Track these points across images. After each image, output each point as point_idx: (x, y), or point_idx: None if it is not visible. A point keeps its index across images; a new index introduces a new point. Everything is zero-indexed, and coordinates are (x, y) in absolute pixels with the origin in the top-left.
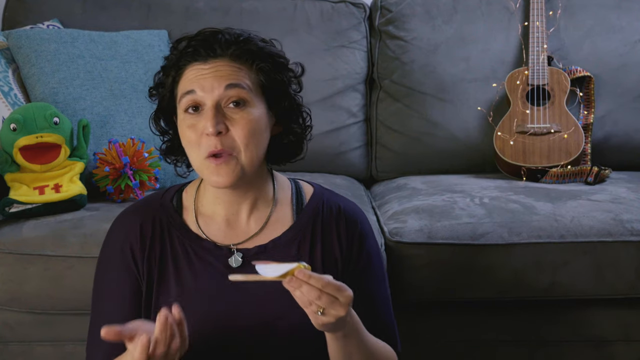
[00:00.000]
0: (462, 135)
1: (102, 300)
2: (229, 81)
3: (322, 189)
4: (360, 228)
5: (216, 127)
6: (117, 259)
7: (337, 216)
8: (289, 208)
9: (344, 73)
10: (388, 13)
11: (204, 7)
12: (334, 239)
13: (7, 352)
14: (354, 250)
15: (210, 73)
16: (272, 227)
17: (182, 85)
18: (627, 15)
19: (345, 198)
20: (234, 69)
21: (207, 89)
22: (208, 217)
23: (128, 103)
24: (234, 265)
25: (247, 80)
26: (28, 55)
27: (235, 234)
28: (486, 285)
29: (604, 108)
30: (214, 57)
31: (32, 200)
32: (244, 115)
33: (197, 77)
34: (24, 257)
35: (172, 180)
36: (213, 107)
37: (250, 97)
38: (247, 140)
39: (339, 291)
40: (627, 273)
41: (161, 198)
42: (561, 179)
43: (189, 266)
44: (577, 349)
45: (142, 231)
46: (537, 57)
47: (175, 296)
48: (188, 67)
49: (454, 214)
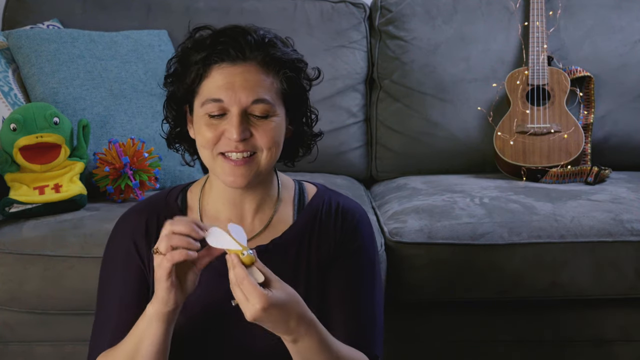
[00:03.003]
0: (462, 135)
1: (109, 298)
2: (257, 95)
3: (325, 189)
4: (356, 221)
5: (242, 135)
6: (124, 256)
7: (335, 212)
8: (291, 208)
9: (344, 73)
10: (388, 13)
11: (204, 7)
12: (330, 236)
13: (7, 352)
14: (346, 243)
15: (239, 81)
16: (274, 227)
17: (208, 87)
18: (627, 15)
19: (347, 197)
20: (261, 78)
21: (235, 99)
22: (212, 217)
23: (128, 103)
24: None
25: (272, 92)
26: (28, 55)
27: None
28: (486, 285)
29: (604, 108)
30: (243, 60)
31: (32, 200)
32: (269, 123)
33: (226, 85)
34: (24, 257)
35: (172, 180)
36: (239, 115)
37: (274, 108)
38: (270, 145)
39: (251, 294)
40: (627, 273)
41: (166, 197)
42: (561, 179)
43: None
44: (577, 349)
45: (148, 229)
46: (537, 57)
47: None
48: (215, 66)
49: (454, 214)
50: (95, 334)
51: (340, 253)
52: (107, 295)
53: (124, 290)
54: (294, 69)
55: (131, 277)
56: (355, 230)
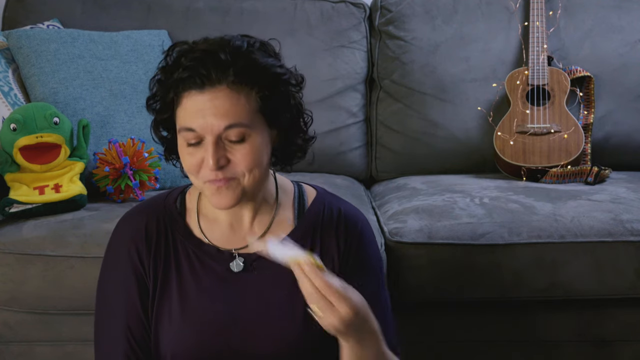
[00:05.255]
0: (462, 135)
1: (109, 301)
2: (228, 121)
3: (325, 192)
4: (360, 230)
5: (217, 163)
6: (124, 260)
7: (337, 219)
8: (291, 212)
9: (344, 73)
10: (388, 13)
11: (204, 7)
12: (332, 242)
13: (7, 352)
14: (351, 252)
15: (209, 108)
16: (274, 232)
17: (181, 115)
18: (627, 15)
19: (348, 202)
20: (232, 101)
21: (207, 128)
22: (211, 220)
23: (128, 103)
24: (236, 269)
25: (247, 111)
26: (28, 55)
27: (238, 238)
28: (486, 285)
29: (604, 108)
30: (211, 85)
31: (32, 200)
32: (246, 147)
33: (196, 113)
34: (24, 257)
35: (172, 180)
36: (213, 143)
37: (251, 129)
38: (250, 167)
39: (339, 301)
40: (627, 273)
41: (165, 199)
42: (561, 179)
43: (190, 270)
44: (577, 349)
45: (148, 232)
46: (537, 57)
47: (177, 299)
48: (185, 94)
49: (454, 214)
50: (99, 337)
51: (347, 264)
52: (107, 297)
53: (125, 292)
54: (270, 82)
55: (132, 280)
56: (360, 240)
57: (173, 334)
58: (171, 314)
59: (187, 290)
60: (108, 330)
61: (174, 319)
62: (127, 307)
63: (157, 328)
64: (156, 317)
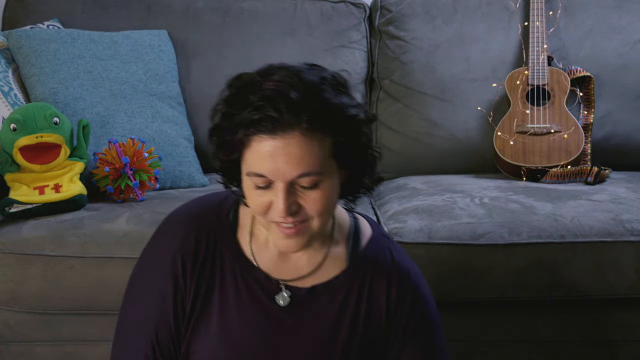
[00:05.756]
0: (462, 135)
1: (139, 302)
2: (302, 170)
3: (380, 233)
4: (414, 288)
5: (288, 210)
6: (166, 267)
7: (391, 267)
8: (344, 250)
9: (344, 73)
10: (388, 13)
11: (204, 7)
12: (382, 291)
13: (7, 352)
14: (403, 313)
15: (281, 155)
16: (325, 269)
17: (250, 159)
18: (627, 15)
19: (400, 247)
20: (306, 149)
21: (278, 174)
22: (262, 243)
23: (128, 103)
24: (282, 303)
25: (319, 159)
26: (28, 55)
27: (287, 268)
28: (486, 285)
29: (604, 108)
30: (283, 130)
31: (32, 200)
32: (318, 193)
33: (267, 158)
34: (24, 257)
35: (172, 180)
36: (284, 190)
37: (323, 176)
38: (321, 212)
39: None
40: (627, 273)
41: (218, 208)
42: (561, 179)
43: (235, 292)
44: (577, 349)
45: (197, 247)
46: (537, 57)
47: (216, 321)
48: (255, 137)
49: (454, 214)
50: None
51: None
52: (139, 299)
53: (159, 298)
54: (344, 127)
55: (169, 287)
56: (414, 298)
57: (206, 355)
58: (207, 334)
59: (228, 313)
60: (132, 329)
61: (210, 340)
62: (158, 314)
63: (190, 345)
64: (191, 333)
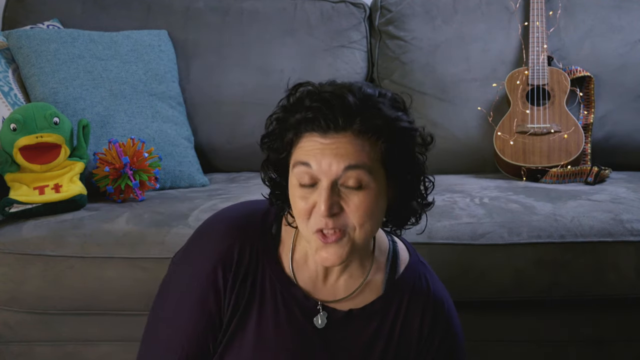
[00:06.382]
0: (462, 135)
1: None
2: (349, 162)
3: (417, 260)
4: (447, 319)
5: (330, 210)
6: (206, 276)
7: (425, 300)
8: (382, 275)
9: (344, 73)
10: (388, 13)
11: (204, 7)
12: (415, 321)
13: (7, 352)
14: (433, 342)
15: (329, 149)
16: (362, 293)
17: (298, 152)
18: (627, 15)
19: (437, 278)
20: (356, 148)
21: (324, 167)
22: (302, 260)
23: (128, 103)
24: (319, 324)
25: (368, 159)
26: (28, 55)
27: (325, 289)
28: (486, 285)
29: (604, 108)
30: (336, 131)
31: (32, 200)
32: (362, 196)
33: (315, 150)
34: (24, 257)
35: (172, 180)
36: (328, 188)
37: (370, 175)
38: (363, 221)
39: None
40: (627, 273)
41: (262, 220)
42: (561, 179)
43: (273, 312)
44: (577, 349)
45: (240, 257)
46: (537, 57)
47: (251, 337)
48: (306, 134)
49: (454, 214)
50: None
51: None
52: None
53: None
54: (396, 135)
55: (208, 296)
56: (446, 330)
57: None
58: (241, 350)
59: (265, 331)
60: (163, 340)
61: (242, 358)
62: (192, 326)
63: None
64: (223, 348)
